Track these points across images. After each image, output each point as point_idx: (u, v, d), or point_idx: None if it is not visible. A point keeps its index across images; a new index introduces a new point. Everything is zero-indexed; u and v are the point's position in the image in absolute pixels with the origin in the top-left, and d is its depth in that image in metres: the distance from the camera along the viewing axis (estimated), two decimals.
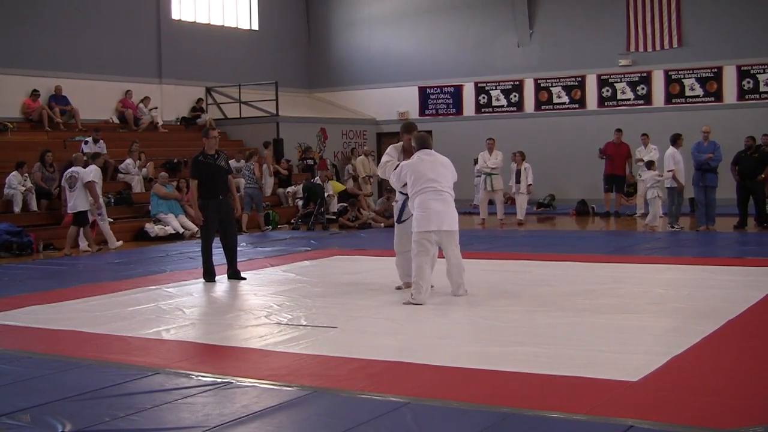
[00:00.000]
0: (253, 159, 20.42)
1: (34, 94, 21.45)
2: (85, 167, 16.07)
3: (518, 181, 19.97)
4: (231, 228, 11.77)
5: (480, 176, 20.50)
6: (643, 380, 6.04)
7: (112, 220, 17.50)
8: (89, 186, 15.84)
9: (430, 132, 27.51)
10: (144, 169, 20.63)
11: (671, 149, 17.07)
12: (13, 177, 17.44)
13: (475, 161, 21.32)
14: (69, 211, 15.94)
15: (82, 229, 15.99)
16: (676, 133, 17.49)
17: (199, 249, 11.79)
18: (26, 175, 17.64)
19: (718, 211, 17.30)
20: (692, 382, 6.03)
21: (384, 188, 21.43)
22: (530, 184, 20.10)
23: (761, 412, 5.26)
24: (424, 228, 9.44)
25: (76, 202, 15.72)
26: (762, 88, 23.32)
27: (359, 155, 24.42)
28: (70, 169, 16.09)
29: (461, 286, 9.76)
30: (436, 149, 9.98)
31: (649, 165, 17.46)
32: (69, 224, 16.43)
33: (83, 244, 16.27)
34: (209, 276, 11.51)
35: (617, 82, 25.12)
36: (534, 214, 22.06)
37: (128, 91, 23.77)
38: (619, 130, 21.42)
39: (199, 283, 11.38)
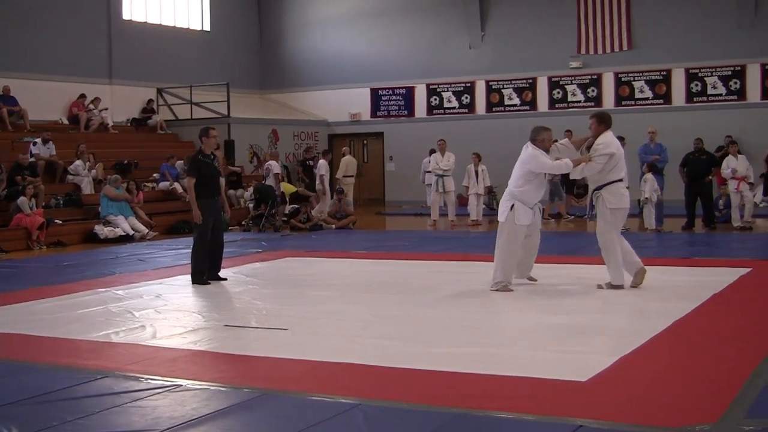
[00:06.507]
0: None
1: None
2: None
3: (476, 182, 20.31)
4: (220, 228, 11.70)
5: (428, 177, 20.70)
6: (592, 380, 6.09)
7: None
8: (321, 178, 21.04)
9: (381, 133, 28.01)
10: (93, 171, 20.40)
11: None
12: None
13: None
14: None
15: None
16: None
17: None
18: None
19: (666, 212, 17.50)
20: (641, 382, 6.08)
21: (335, 190, 21.32)
22: (490, 186, 20.53)
23: (709, 410, 5.32)
24: None
25: None
26: (710, 91, 23.69)
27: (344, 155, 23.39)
28: (267, 163, 21.81)
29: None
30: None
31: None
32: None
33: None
34: (200, 277, 11.23)
35: (568, 84, 25.36)
36: (487, 215, 22.09)
37: (82, 94, 23.52)
38: (568, 131, 21.57)
39: (148, 286, 11.29)
